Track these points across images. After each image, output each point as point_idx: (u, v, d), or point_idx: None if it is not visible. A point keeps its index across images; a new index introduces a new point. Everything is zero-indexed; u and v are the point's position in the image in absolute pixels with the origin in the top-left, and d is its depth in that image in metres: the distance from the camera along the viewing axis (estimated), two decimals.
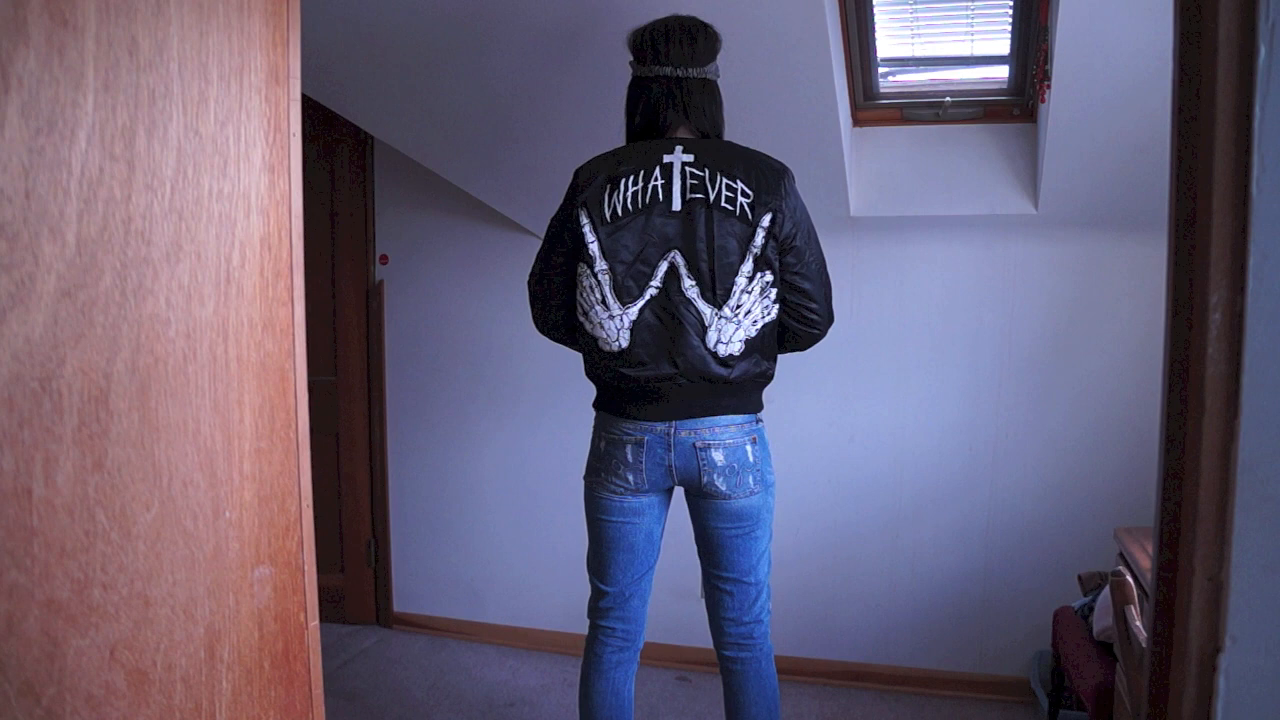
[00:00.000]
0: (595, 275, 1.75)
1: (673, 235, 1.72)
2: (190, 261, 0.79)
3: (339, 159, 3.18)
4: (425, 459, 3.20)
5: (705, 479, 1.81)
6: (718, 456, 1.81)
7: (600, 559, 1.92)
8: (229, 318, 0.84)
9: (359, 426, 3.24)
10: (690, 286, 1.72)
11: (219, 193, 0.82)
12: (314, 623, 0.97)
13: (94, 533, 0.69)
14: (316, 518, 1.00)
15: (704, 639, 2.02)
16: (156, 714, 0.76)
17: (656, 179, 1.73)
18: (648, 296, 1.73)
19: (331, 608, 3.27)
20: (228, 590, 0.84)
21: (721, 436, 1.81)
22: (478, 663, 3.01)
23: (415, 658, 3.06)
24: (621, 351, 1.75)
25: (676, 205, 1.72)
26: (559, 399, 3.01)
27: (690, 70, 1.77)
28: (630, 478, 1.82)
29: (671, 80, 1.77)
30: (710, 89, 1.81)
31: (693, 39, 1.77)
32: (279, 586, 0.91)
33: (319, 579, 0.99)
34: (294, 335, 0.93)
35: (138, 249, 0.73)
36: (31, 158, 0.63)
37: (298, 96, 0.93)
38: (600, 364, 1.81)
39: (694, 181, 1.72)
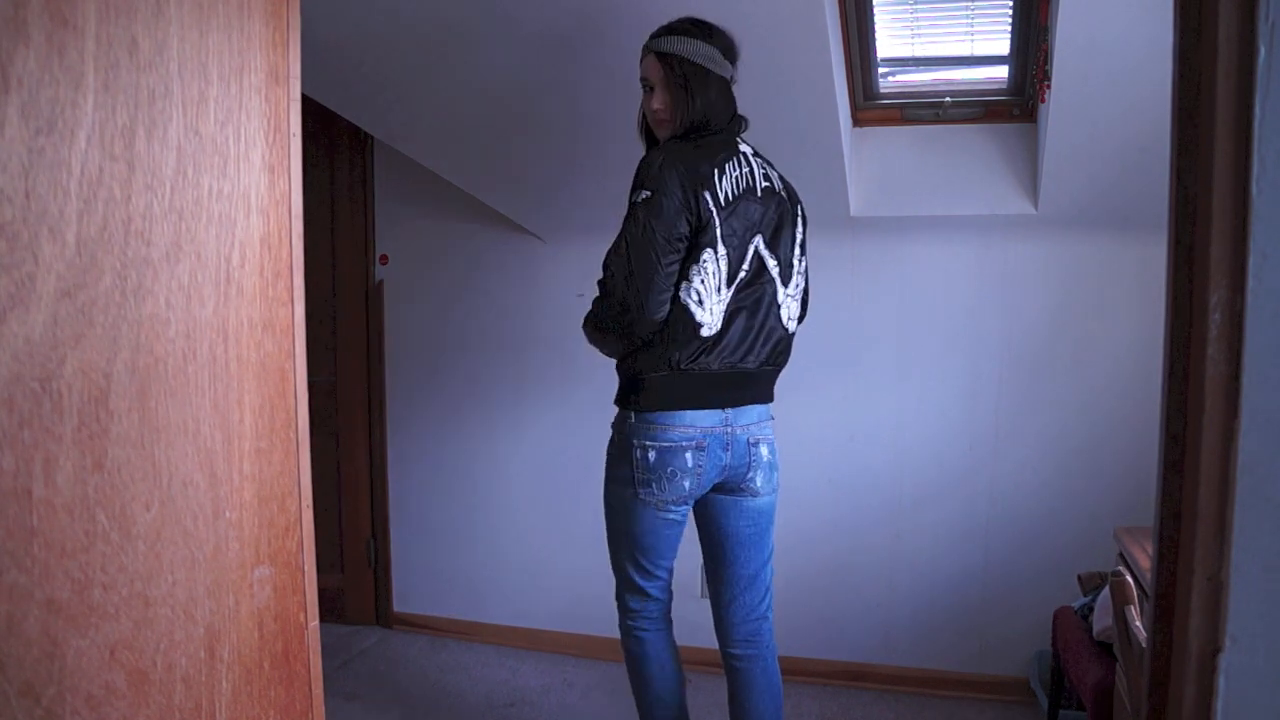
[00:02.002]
0: (718, 260, 1.72)
1: (757, 220, 1.78)
2: (190, 261, 0.79)
3: (339, 159, 3.18)
4: (425, 459, 3.20)
5: (749, 474, 1.82)
6: (764, 452, 1.85)
7: (646, 560, 1.86)
8: (229, 318, 0.84)
9: (359, 426, 3.24)
10: (773, 267, 1.81)
11: (219, 193, 0.82)
12: (314, 623, 0.97)
13: (94, 533, 0.69)
14: (316, 518, 1.00)
15: (704, 639, 2.02)
16: (156, 714, 0.76)
17: (743, 166, 1.79)
18: (740, 280, 1.76)
19: (331, 608, 3.27)
20: (228, 590, 0.84)
21: (765, 431, 1.86)
22: (478, 663, 3.01)
23: (415, 658, 3.06)
24: (715, 335, 1.74)
25: (759, 192, 1.79)
26: (559, 399, 3.01)
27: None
28: (686, 485, 1.76)
29: (729, 81, 1.83)
30: None
31: None
32: (279, 586, 0.91)
33: (319, 579, 0.99)
34: (294, 335, 0.93)
35: (138, 249, 0.73)
36: (31, 158, 0.63)
37: (298, 96, 0.93)
38: (690, 353, 1.72)
39: (762, 171, 1.83)
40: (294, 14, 0.92)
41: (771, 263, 1.80)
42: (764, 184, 1.80)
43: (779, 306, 1.82)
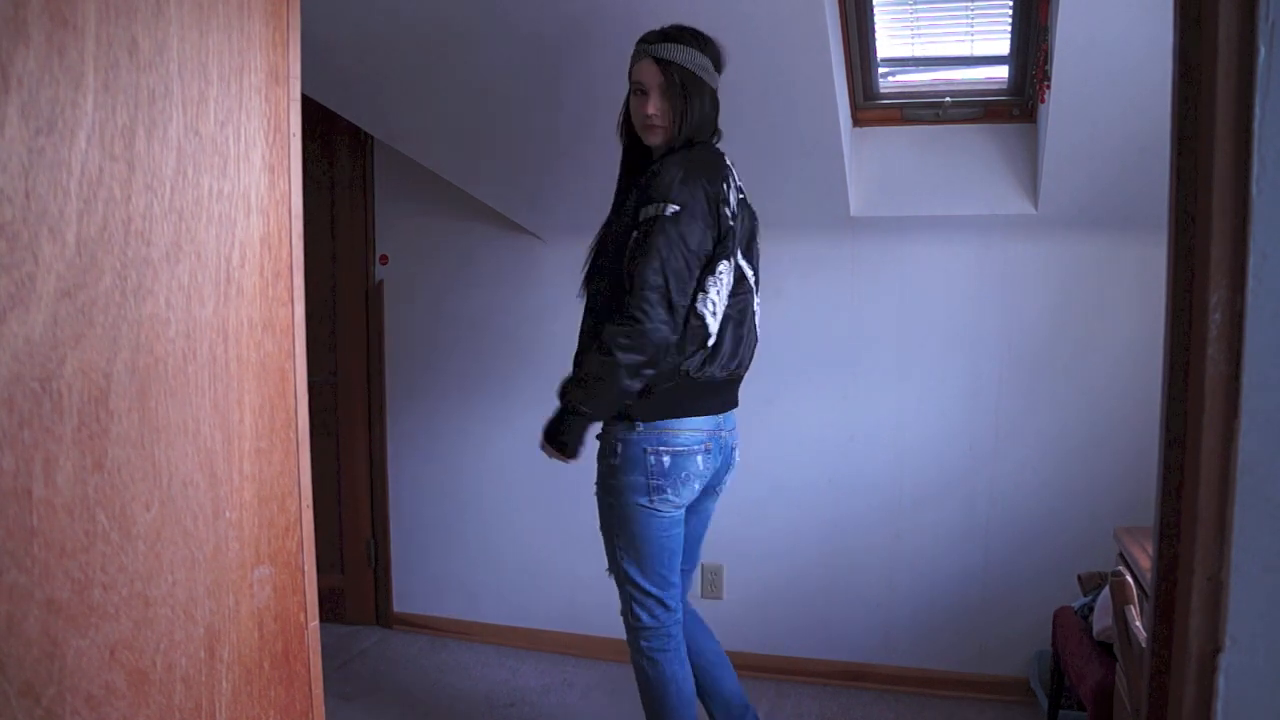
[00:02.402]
0: (729, 271, 1.75)
1: (741, 231, 1.80)
2: (190, 261, 0.79)
3: (339, 159, 3.18)
4: (425, 459, 3.20)
5: (725, 476, 1.90)
6: (736, 455, 1.92)
7: (665, 568, 1.85)
8: (229, 318, 0.84)
9: (359, 426, 3.23)
10: (750, 276, 1.84)
11: (219, 193, 0.82)
12: (314, 623, 0.97)
13: (94, 533, 0.69)
14: (316, 518, 1.00)
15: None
16: (156, 714, 0.76)
17: (734, 178, 1.82)
18: (729, 287, 1.79)
19: (331, 608, 3.27)
20: (228, 590, 0.84)
21: (737, 435, 1.91)
22: (477, 663, 3.01)
23: (415, 658, 3.05)
24: (715, 344, 1.76)
25: (739, 203, 1.82)
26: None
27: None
28: (696, 486, 1.80)
29: (715, 92, 1.83)
30: None
31: None
32: (279, 586, 0.91)
33: (319, 579, 0.99)
34: (294, 335, 0.93)
35: (138, 249, 0.73)
36: (31, 158, 0.63)
37: (298, 96, 0.93)
38: (698, 362, 1.74)
39: (739, 182, 1.86)
40: (294, 14, 0.92)
41: (749, 271, 1.84)
42: (739, 195, 1.83)
43: (754, 314, 1.87)
